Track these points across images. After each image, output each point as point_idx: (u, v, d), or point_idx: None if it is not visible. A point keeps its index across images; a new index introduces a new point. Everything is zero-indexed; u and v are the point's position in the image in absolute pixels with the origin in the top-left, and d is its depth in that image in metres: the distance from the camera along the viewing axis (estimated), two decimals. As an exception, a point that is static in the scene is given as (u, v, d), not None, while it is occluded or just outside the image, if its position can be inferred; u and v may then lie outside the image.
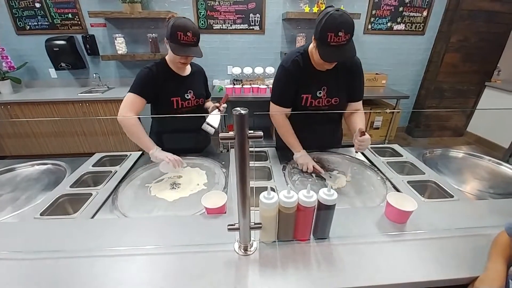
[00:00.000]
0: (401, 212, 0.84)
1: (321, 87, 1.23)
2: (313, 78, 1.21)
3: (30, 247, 0.78)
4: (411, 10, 3.19)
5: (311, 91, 1.23)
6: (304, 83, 1.22)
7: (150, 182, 1.15)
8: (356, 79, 1.26)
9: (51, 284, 0.67)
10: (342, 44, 0.99)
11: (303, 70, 1.19)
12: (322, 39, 1.00)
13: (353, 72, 1.24)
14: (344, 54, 1.03)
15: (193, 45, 1.16)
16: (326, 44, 1.00)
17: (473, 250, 0.77)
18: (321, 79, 1.22)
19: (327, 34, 0.97)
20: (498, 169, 1.33)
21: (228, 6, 2.97)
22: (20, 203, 1.04)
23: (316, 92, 1.24)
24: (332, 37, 0.97)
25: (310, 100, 1.25)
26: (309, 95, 1.24)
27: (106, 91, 2.98)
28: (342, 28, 0.96)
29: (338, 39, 0.97)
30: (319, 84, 1.23)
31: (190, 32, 1.12)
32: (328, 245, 0.78)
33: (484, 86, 3.53)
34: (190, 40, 1.13)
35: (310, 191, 0.70)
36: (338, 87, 1.25)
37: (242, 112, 0.54)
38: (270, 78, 3.23)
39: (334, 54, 1.02)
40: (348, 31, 0.97)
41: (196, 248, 0.77)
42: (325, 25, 0.97)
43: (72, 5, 2.85)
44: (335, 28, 0.96)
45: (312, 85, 1.23)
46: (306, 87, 1.23)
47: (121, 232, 0.84)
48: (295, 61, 1.19)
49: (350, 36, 0.99)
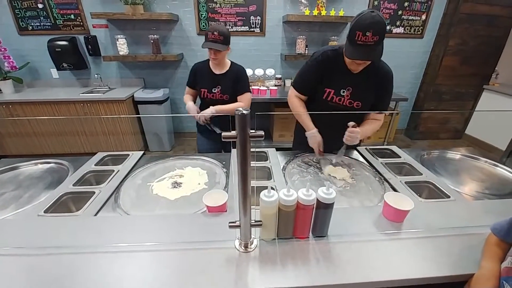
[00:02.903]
0: (398, 211, 0.86)
1: (347, 87, 1.25)
2: (340, 75, 1.23)
3: (34, 244, 0.79)
4: (410, 13, 3.23)
5: (336, 87, 1.25)
6: (330, 77, 1.24)
7: (151, 181, 1.17)
8: (383, 90, 1.27)
9: (55, 279, 0.68)
10: (368, 44, 1.01)
11: (332, 64, 1.22)
12: (350, 37, 1.03)
13: (383, 84, 1.25)
14: (367, 55, 1.04)
15: (218, 41, 1.48)
16: (353, 42, 1.02)
17: (468, 249, 0.79)
18: (349, 79, 1.23)
19: (356, 33, 1.00)
20: (494, 170, 1.35)
21: (229, 9, 3.00)
22: (24, 201, 1.05)
23: (340, 90, 1.25)
24: (359, 36, 0.99)
25: (332, 96, 1.26)
26: (332, 90, 1.26)
27: (107, 92, 3.00)
28: (371, 29, 0.97)
29: (365, 38, 0.99)
30: (345, 83, 1.24)
31: (217, 31, 1.46)
32: (326, 243, 0.80)
33: (482, 89, 3.57)
34: (215, 38, 1.47)
35: (309, 190, 0.72)
36: (364, 92, 1.26)
37: (244, 112, 0.56)
38: (271, 79, 3.26)
39: (359, 53, 1.04)
40: (376, 33, 0.98)
41: (198, 245, 0.79)
42: (356, 23, 1.00)
43: (74, 6, 2.88)
44: (364, 28, 0.98)
45: (338, 81, 1.25)
46: (331, 82, 1.25)
47: (124, 230, 0.85)
48: (326, 53, 1.23)
49: (379, 39, 1.00)
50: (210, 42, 1.48)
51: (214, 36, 1.46)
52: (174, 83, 3.38)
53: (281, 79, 3.32)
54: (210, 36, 1.46)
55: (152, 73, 3.30)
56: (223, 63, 1.64)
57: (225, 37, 1.49)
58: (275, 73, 3.28)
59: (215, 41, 1.47)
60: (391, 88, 1.28)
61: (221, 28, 1.47)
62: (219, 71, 1.64)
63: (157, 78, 3.33)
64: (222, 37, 1.47)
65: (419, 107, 3.70)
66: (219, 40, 1.47)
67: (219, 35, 1.46)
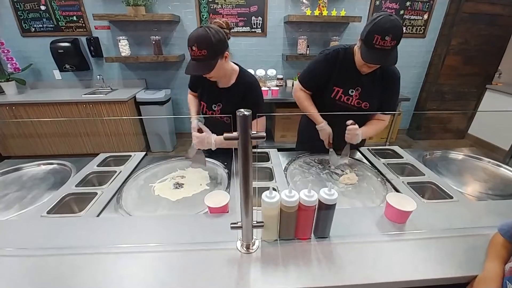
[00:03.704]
0: (400, 212, 0.85)
1: (355, 87, 1.24)
2: (350, 75, 1.22)
3: (37, 244, 0.80)
4: (412, 13, 3.22)
5: (344, 86, 1.25)
6: (339, 76, 1.23)
7: (153, 182, 1.17)
8: (390, 91, 1.27)
9: (57, 279, 0.68)
10: (386, 48, 1.00)
11: (342, 63, 1.21)
12: (368, 40, 1.01)
13: (390, 84, 1.25)
14: (385, 59, 1.04)
15: (201, 60, 1.03)
16: (370, 45, 1.01)
17: (471, 250, 0.78)
18: (358, 79, 1.23)
19: (374, 36, 0.99)
20: (498, 171, 1.34)
21: (231, 9, 3.01)
22: (27, 202, 1.06)
23: (349, 89, 1.25)
24: (378, 40, 0.98)
25: (340, 95, 1.26)
26: (341, 89, 1.25)
27: (109, 93, 3.01)
28: (390, 33, 0.97)
29: (383, 43, 0.98)
30: (354, 83, 1.24)
31: (196, 45, 0.99)
32: (328, 244, 0.80)
33: (485, 89, 3.54)
34: (197, 55, 1.02)
35: (311, 191, 0.72)
36: (373, 93, 1.25)
37: (246, 113, 0.56)
38: (272, 80, 3.26)
39: (376, 57, 1.03)
40: (395, 38, 0.98)
41: (199, 246, 0.79)
42: (374, 26, 0.98)
43: (77, 8, 2.89)
44: (383, 32, 0.97)
45: (347, 81, 1.24)
46: (340, 81, 1.24)
47: (126, 230, 0.86)
48: (336, 51, 1.22)
49: (396, 43, 1.00)
50: (193, 61, 1.05)
51: (194, 53, 1.01)
52: (176, 84, 3.39)
53: (282, 79, 3.32)
54: (191, 53, 1.03)
55: (153, 74, 3.32)
56: (226, 75, 1.20)
57: (211, 49, 1.00)
58: (276, 74, 3.28)
59: (197, 59, 1.03)
60: (398, 88, 1.28)
61: (202, 37, 0.99)
62: (223, 84, 1.24)
63: (159, 79, 3.34)
64: (205, 51, 1.00)
65: (421, 107, 3.69)
66: (202, 56, 1.01)
67: (200, 48, 0.99)
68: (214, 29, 1.02)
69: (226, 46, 1.09)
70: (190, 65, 1.06)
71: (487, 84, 3.50)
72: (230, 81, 1.23)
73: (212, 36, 1.00)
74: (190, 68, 1.06)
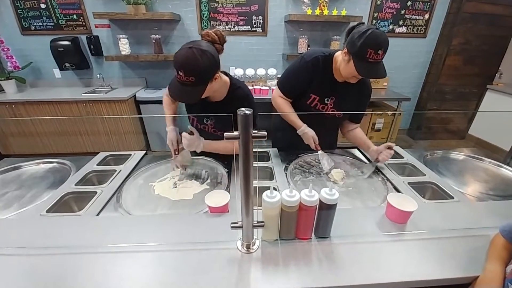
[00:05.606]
0: (401, 212, 0.85)
1: (331, 96, 1.25)
2: (326, 83, 1.23)
3: (36, 243, 0.79)
4: (413, 13, 3.21)
5: (321, 94, 1.25)
6: (317, 83, 1.23)
7: (153, 181, 1.17)
8: (363, 97, 1.31)
9: (57, 279, 0.68)
10: (378, 61, 1.03)
11: (320, 71, 1.21)
12: (360, 54, 1.02)
13: (363, 91, 1.28)
14: (378, 72, 1.06)
15: (188, 85, 0.93)
16: (364, 60, 1.02)
17: (472, 251, 0.78)
18: (334, 88, 1.24)
19: (367, 50, 1.00)
20: (499, 171, 1.33)
21: (231, 8, 3.00)
22: (26, 201, 1.06)
23: (325, 98, 1.26)
24: (371, 54, 1.00)
25: (316, 102, 1.27)
26: (317, 97, 1.26)
27: (109, 91, 3.01)
28: (382, 47, 0.99)
29: (376, 56, 1.01)
30: (330, 92, 1.25)
31: (182, 70, 0.90)
32: (329, 244, 0.79)
33: (485, 89, 3.54)
34: (183, 80, 0.92)
35: (312, 191, 0.72)
36: (347, 103, 1.28)
37: (247, 112, 0.55)
38: (273, 79, 3.25)
39: (371, 71, 1.05)
40: (385, 50, 1.01)
41: (199, 246, 0.78)
42: (367, 40, 0.99)
43: (77, 6, 2.89)
44: (376, 46, 0.99)
45: (323, 89, 1.25)
46: (317, 89, 1.25)
47: (126, 230, 0.85)
48: (317, 59, 1.21)
49: (384, 56, 1.03)
50: (179, 83, 0.95)
51: (180, 78, 0.92)
52: (176, 83, 3.38)
53: (283, 79, 3.31)
54: (177, 76, 0.93)
55: (154, 73, 3.31)
56: (217, 91, 1.11)
57: (199, 76, 0.92)
58: (277, 73, 3.27)
59: (185, 84, 0.93)
60: (370, 93, 1.32)
61: (190, 62, 0.89)
62: (215, 98, 1.16)
63: (159, 77, 3.34)
64: (193, 78, 0.91)
65: (422, 107, 3.68)
66: (190, 82, 0.92)
67: (187, 75, 0.90)
68: (204, 49, 0.91)
69: (217, 68, 0.98)
70: (177, 89, 0.96)
71: (488, 85, 3.50)
72: (221, 95, 1.16)
73: (201, 61, 0.89)
74: (177, 91, 0.96)
